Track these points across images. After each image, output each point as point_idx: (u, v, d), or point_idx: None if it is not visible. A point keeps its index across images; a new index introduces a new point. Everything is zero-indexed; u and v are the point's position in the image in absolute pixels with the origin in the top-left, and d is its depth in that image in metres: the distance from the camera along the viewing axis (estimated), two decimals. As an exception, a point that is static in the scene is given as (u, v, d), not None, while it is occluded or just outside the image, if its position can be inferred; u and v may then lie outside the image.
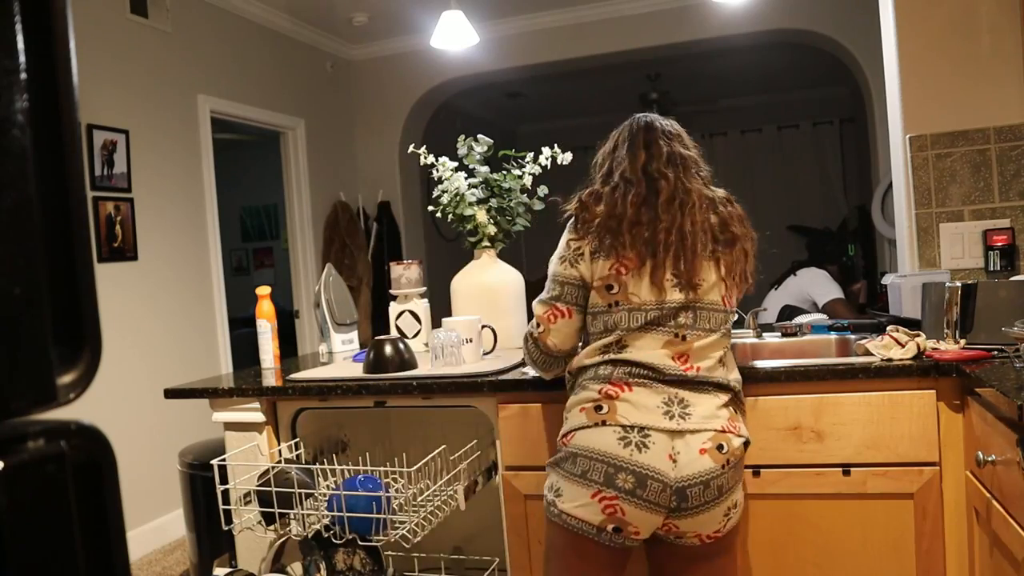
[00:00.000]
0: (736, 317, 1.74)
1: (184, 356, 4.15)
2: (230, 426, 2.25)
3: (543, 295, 1.71)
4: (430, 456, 1.95)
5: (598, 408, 1.55)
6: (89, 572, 0.41)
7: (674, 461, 1.50)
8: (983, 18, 2.43)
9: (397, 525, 1.90)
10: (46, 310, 0.40)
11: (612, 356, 1.59)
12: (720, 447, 1.53)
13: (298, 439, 2.23)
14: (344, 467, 2.05)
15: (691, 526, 1.54)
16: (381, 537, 1.90)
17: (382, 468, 2.06)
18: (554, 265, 1.69)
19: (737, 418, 1.60)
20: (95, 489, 0.42)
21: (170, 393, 2.29)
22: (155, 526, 3.85)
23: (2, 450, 0.38)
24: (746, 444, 1.59)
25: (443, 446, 2.01)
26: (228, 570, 2.18)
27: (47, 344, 0.40)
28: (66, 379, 0.41)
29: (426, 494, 1.92)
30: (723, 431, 1.55)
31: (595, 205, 1.64)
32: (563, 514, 1.54)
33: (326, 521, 1.94)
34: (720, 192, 1.72)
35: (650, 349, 1.58)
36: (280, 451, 2.21)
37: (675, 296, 1.59)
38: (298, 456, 2.20)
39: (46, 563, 0.39)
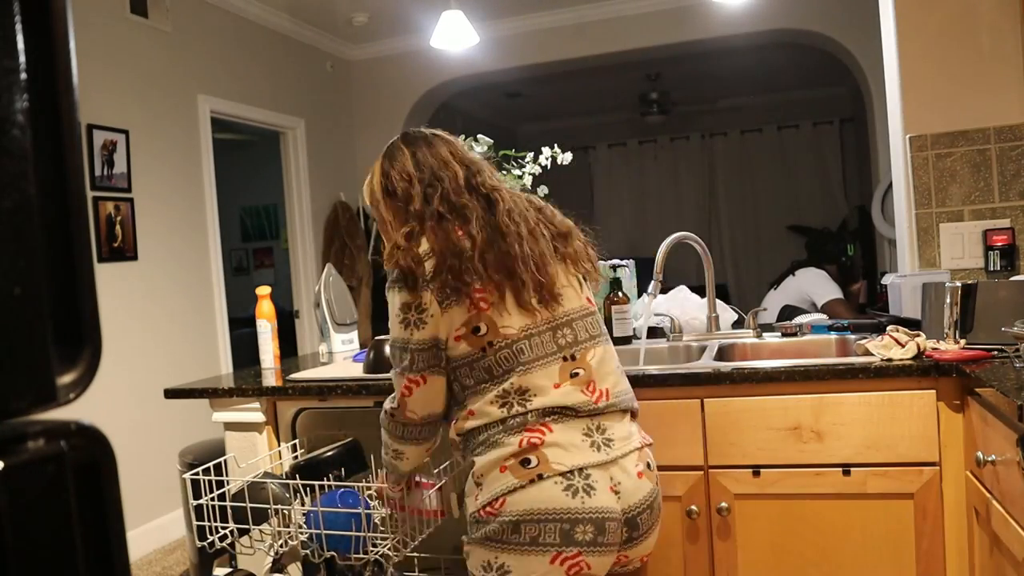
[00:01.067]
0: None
1: (184, 356, 4.15)
2: (230, 426, 2.25)
3: (395, 365, 1.50)
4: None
5: (525, 462, 1.36)
6: (89, 572, 0.41)
7: (617, 493, 1.39)
8: (983, 18, 2.43)
9: (377, 542, 1.81)
10: (46, 310, 0.40)
11: (517, 407, 1.40)
12: (648, 465, 1.47)
13: (298, 439, 2.23)
14: (321, 483, 1.97)
15: (639, 552, 1.47)
16: (361, 556, 1.79)
17: (360, 484, 2.01)
18: (395, 330, 1.47)
19: (640, 427, 1.54)
20: (95, 489, 0.42)
21: (170, 393, 2.29)
22: (155, 526, 3.85)
23: (2, 450, 0.38)
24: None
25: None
26: (228, 570, 2.18)
27: (47, 344, 0.40)
28: (66, 379, 0.41)
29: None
30: (641, 447, 1.48)
31: (417, 248, 1.42)
32: None
33: (303, 538, 1.86)
34: (535, 197, 1.59)
35: (551, 384, 1.41)
36: (281, 451, 2.21)
37: (544, 314, 1.43)
38: (282, 463, 2.17)
39: (46, 563, 0.39)
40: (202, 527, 1.91)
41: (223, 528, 1.88)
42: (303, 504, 1.93)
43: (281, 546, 1.93)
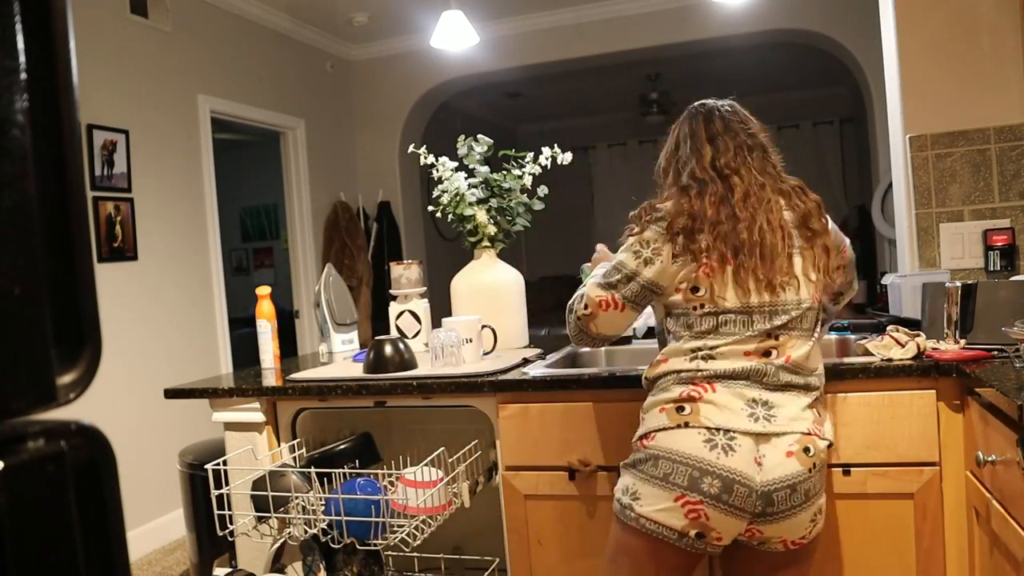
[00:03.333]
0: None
1: (184, 356, 4.15)
2: (230, 426, 2.25)
3: (602, 277, 1.62)
4: (427, 459, 1.94)
5: (680, 409, 1.49)
6: (89, 572, 0.41)
7: (759, 465, 1.45)
8: (983, 18, 2.43)
9: (396, 529, 1.88)
10: (46, 310, 0.40)
11: (698, 362, 1.53)
12: (807, 450, 1.47)
13: (298, 439, 2.23)
14: (342, 470, 2.02)
15: (777, 531, 1.49)
16: (380, 541, 1.88)
17: (381, 471, 2.05)
18: (624, 254, 1.59)
19: (821, 420, 1.55)
20: (95, 489, 0.42)
21: (170, 393, 2.29)
22: (155, 526, 3.85)
23: (2, 450, 0.38)
24: (829, 446, 1.54)
25: (442, 448, 2.00)
26: (228, 570, 2.18)
27: (47, 344, 0.40)
28: (66, 379, 0.41)
29: (424, 496, 1.90)
30: (809, 434, 1.49)
31: (672, 206, 1.56)
32: (641, 518, 1.47)
33: (323, 525, 1.92)
34: (792, 181, 1.63)
35: (738, 355, 1.51)
36: (281, 451, 2.21)
37: (762, 298, 1.52)
38: (297, 457, 2.20)
39: (46, 563, 0.39)
40: (222, 516, 2.00)
41: (243, 517, 1.95)
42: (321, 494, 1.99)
43: (303, 533, 1.99)
